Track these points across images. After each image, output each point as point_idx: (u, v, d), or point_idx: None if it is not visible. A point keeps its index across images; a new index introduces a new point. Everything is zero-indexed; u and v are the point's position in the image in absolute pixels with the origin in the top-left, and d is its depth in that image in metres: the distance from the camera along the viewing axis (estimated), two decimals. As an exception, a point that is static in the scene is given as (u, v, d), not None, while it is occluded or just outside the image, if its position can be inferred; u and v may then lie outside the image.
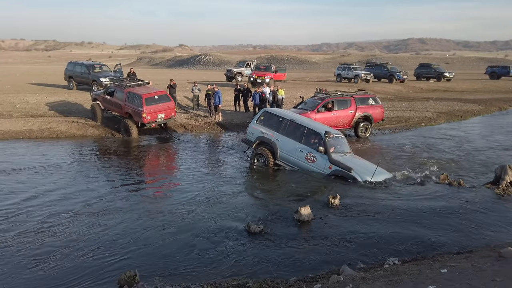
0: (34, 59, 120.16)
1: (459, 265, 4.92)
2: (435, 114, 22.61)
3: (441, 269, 4.73)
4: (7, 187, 10.03)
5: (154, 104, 15.79)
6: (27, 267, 6.22)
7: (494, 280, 4.14)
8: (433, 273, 4.64)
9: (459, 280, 4.25)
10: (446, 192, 9.58)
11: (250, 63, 35.53)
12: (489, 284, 4.05)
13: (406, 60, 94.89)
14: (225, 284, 5.44)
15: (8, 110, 19.48)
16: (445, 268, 4.75)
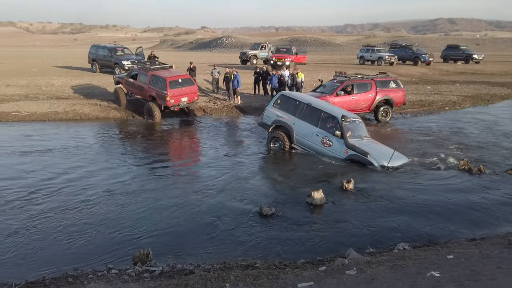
0: (60, 42, 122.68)
1: (466, 251, 4.88)
2: (460, 98, 21.93)
3: (447, 255, 4.71)
4: (46, 166, 10.47)
5: (178, 88, 15.89)
6: (62, 242, 6.55)
7: (500, 268, 4.10)
8: (438, 259, 4.63)
9: (464, 266, 4.24)
10: (464, 178, 9.40)
11: (265, 45, 34.45)
12: (494, 271, 4.01)
13: (434, 41, 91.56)
14: (234, 264, 5.59)
15: (35, 92, 20.14)
16: (451, 254, 4.73)
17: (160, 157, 11.75)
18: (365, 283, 4.01)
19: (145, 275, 5.32)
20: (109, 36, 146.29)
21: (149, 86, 16.16)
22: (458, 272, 4.03)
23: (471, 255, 4.67)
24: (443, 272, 4.04)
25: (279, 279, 4.49)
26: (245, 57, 33.11)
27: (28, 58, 39.82)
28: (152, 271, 5.47)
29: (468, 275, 3.92)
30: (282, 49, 30.53)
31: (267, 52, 33.27)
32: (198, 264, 5.73)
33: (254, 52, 33.33)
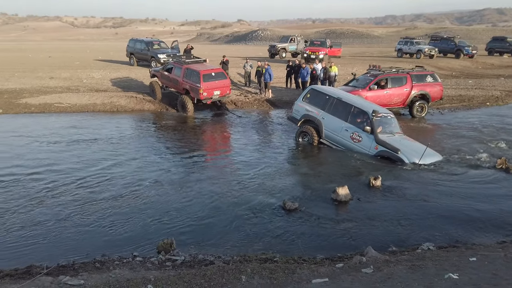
0: (103, 36, 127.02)
1: (491, 254, 4.70)
2: (503, 93, 20.79)
3: (470, 257, 4.56)
4: (95, 155, 11.06)
5: (211, 81, 16.14)
6: (103, 230, 6.91)
7: None
8: (460, 261, 4.48)
9: (486, 269, 4.08)
10: (500, 178, 9.00)
11: (294, 38, 33.71)
12: None
13: (480, 33, 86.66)
14: (254, 257, 5.67)
15: (76, 85, 21.09)
16: (474, 257, 4.57)
17: (190, 150, 11.99)
18: (380, 282, 3.97)
19: (167, 264, 5.51)
20: (148, 29, 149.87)
21: (183, 79, 16.50)
22: (478, 275, 3.89)
23: (495, 258, 4.49)
24: (463, 274, 3.92)
25: (295, 274, 4.53)
26: (274, 50, 32.44)
27: (72, 52, 41.61)
28: (174, 260, 5.66)
29: (489, 278, 3.78)
30: (316, 42, 30.09)
31: (296, 45, 32.77)
32: (218, 256, 5.86)
33: (283, 45, 32.62)
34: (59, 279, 4.80)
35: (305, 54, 27.71)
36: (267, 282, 4.37)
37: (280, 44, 33.10)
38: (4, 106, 16.74)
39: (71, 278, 4.84)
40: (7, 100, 17.56)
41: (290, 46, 32.76)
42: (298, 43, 33.11)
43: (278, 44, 32.94)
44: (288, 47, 32.65)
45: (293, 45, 32.85)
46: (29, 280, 4.83)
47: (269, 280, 4.42)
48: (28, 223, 7.06)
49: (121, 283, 4.53)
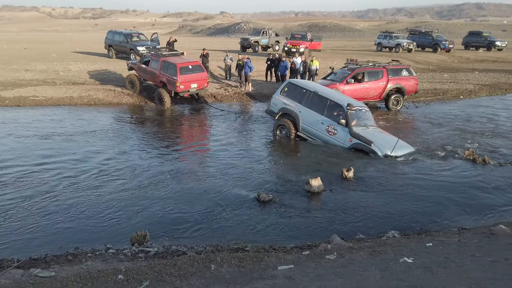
0: (82, 27, 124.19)
1: (446, 240, 4.96)
2: (477, 87, 21.42)
3: (427, 243, 4.80)
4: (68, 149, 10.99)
5: (188, 74, 16.11)
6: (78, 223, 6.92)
7: (473, 256, 4.17)
8: (417, 246, 4.73)
9: (439, 253, 4.33)
10: (467, 169, 9.35)
11: (266, 31, 33.17)
12: (466, 259, 4.09)
13: (459, 27, 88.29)
14: (226, 246, 5.81)
15: (52, 77, 20.68)
16: (431, 242, 4.82)
17: (167, 143, 12.03)
18: (341, 266, 4.16)
19: (140, 255, 5.60)
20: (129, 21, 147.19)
21: (160, 72, 16.43)
22: (431, 259, 4.13)
23: (449, 243, 4.75)
24: (417, 258, 4.15)
25: (262, 262, 4.69)
26: (246, 44, 31.46)
27: (50, 43, 40.65)
28: (147, 252, 5.75)
29: (440, 262, 4.02)
30: (297, 35, 30.19)
31: (268, 38, 32.43)
32: (191, 246, 5.97)
33: (256, 38, 31.96)
34: (30, 272, 4.84)
35: (286, 48, 27.81)
36: (235, 270, 4.51)
37: (252, 37, 32.42)
38: (-24, 99, 16.35)
39: (42, 270, 4.88)
40: (-20, 93, 17.14)
41: (262, 39, 32.23)
42: (270, 37, 32.76)
43: (251, 37, 32.21)
44: (261, 40, 32.09)
45: (265, 38, 32.38)
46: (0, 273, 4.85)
47: (237, 268, 4.56)
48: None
49: (92, 274, 4.60)
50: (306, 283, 3.74)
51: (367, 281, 3.57)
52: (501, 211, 7.03)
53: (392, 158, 10.17)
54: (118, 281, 4.41)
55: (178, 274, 4.51)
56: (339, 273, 3.91)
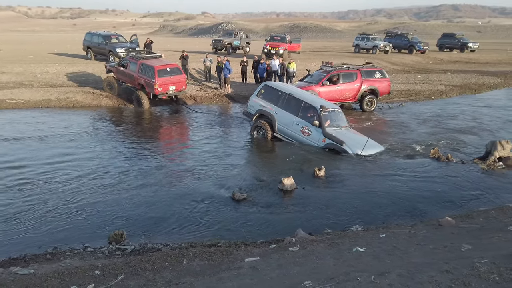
0: (60, 27, 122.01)
1: (398, 231, 5.41)
2: (448, 87, 22.31)
3: (381, 235, 5.24)
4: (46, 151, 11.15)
5: (166, 76, 16.33)
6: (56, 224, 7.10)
7: (418, 244, 4.62)
8: (372, 238, 5.16)
9: (388, 243, 4.76)
10: (431, 166, 9.90)
11: (237, 33, 33.03)
12: (411, 247, 4.54)
13: (436, 28, 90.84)
14: (200, 243, 6.13)
15: (29, 80, 20.55)
16: (384, 234, 5.26)
17: (145, 144, 12.25)
18: (301, 257, 4.55)
19: (117, 253, 5.87)
20: (109, 21, 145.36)
21: (138, 74, 16.61)
22: (380, 248, 4.55)
23: (400, 235, 5.20)
24: (369, 248, 4.57)
25: (231, 255, 5.03)
26: (219, 45, 31.26)
27: (26, 44, 40.02)
28: (124, 250, 6.03)
29: (388, 250, 4.44)
30: (276, 37, 30.60)
31: (240, 40, 32.48)
32: (167, 244, 6.27)
33: (230, 40, 31.83)
34: (10, 270, 5.06)
35: (265, 50, 28.20)
36: (205, 263, 4.85)
37: (226, 38, 32.25)
38: (-49, 102, 16.18)
39: (21, 268, 5.10)
40: (-45, 96, 16.95)
41: (234, 41, 32.18)
42: (241, 38, 32.79)
43: (225, 39, 32.02)
44: (233, 41, 32.02)
45: (237, 39, 32.36)
46: (-20, 272, 5.05)
47: (207, 262, 4.90)
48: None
49: (70, 270, 4.86)
50: (267, 271, 4.10)
51: (321, 268, 3.95)
52: (456, 205, 7.56)
53: (362, 157, 10.65)
54: (95, 276, 4.68)
55: (152, 268, 4.82)
56: (298, 262, 4.29)
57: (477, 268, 3.41)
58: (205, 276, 4.31)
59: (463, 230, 5.22)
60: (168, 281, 4.35)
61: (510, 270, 3.34)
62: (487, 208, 6.89)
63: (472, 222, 5.66)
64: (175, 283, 4.23)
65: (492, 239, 4.45)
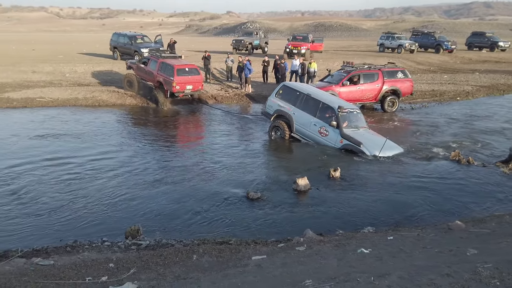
0: (89, 27, 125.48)
1: (407, 234, 5.38)
2: (475, 88, 21.69)
3: (388, 237, 5.23)
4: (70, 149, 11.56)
5: (184, 76, 16.87)
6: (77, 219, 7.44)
7: (424, 248, 4.59)
8: (379, 240, 5.16)
9: (395, 246, 4.76)
10: (450, 169, 9.73)
11: (257, 32, 32.73)
12: (416, 250, 4.52)
13: (467, 26, 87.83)
14: (212, 240, 6.28)
15: (59, 79, 21.38)
16: (392, 236, 5.25)
17: (165, 142, 12.60)
18: (306, 256, 4.62)
19: (132, 247, 6.10)
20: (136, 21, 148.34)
21: (158, 72, 17.23)
22: (386, 250, 4.56)
23: (407, 237, 5.18)
24: (374, 249, 4.58)
25: (239, 253, 5.16)
26: (240, 46, 30.52)
27: (57, 44, 41.51)
28: (139, 244, 6.25)
29: (393, 252, 4.44)
30: (298, 37, 30.49)
31: (259, 40, 32.10)
32: (181, 240, 6.45)
33: (251, 40, 31.18)
34: (32, 260, 5.36)
35: (287, 49, 28.20)
36: (214, 260, 5.00)
37: (247, 38, 31.68)
38: (-14, 100, 17.03)
39: (42, 259, 5.40)
40: (-11, 94, 17.83)
41: (254, 40, 31.71)
42: (260, 38, 32.52)
43: (246, 39, 31.46)
44: (254, 41, 31.55)
45: (257, 39, 32.04)
46: (5, 261, 5.38)
47: (216, 258, 5.04)
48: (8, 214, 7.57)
49: (86, 263, 5.12)
50: (271, 269, 4.20)
51: (324, 268, 4.02)
52: (471, 209, 7.42)
53: (380, 158, 10.56)
54: (109, 268, 4.92)
55: (163, 263, 5.01)
56: (302, 262, 4.37)
57: (479, 273, 3.40)
58: (212, 272, 4.46)
59: (472, 234, 5.15)
60: (177, 275, 4.51)
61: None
62: (502, 213, 6.74)
63: (483, 227, 5.57)
64: (183, 277, 4.40)
65: (500, 244, 4.39)
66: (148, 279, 4.48)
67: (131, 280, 4.44)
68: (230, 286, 3.74)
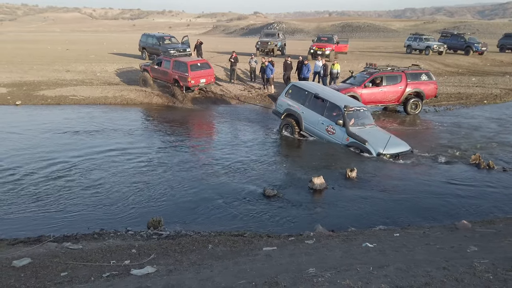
0: (121, 28, 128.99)
1: (413, 232, 5.52)
2: (503, 91, 21.16)
3: (395, 233, 5.40)
4: (102, 144, 12.23)
5: (197, 70, 18.27)
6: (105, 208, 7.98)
7: (428, 244, 4.74)
8: (386, 236, 5.34)
9: (399, 241, 4.93)
10: (469, 173, 9.72)
11: (278, 34, 31.98)
12: (419, 246, 4.67)
13: (501, 27, 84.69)
14: (228, 233, 6.63)
15: (90, 78, 22.35)
16: (398, 233, 5.41)
17: (187, 139, 13.24)
18: (313, 248, 4.87)
19: (153, 237, 6.52)
20: (165, 21, 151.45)
21: (172, 70, 18.46)
22: (389, 245, 4.74)
23: (413, 235, 5.33)
24: (379, 244, 4.78)
25: (252, 244, 5.47)
26: (266, 48, 29.51)
27: (89, 44, 43.08)
28: (160, 234, 6.67)
29: (396, 247, 4.62)
30: (323, 38, 30.39)
31: (280, 41, 31.52)
32: (199, 232, 6.83)
33: (276, 41, 30.19)
34: (63, 245, 5.87)
35: (312, 50, 28.25)
36: (228, 250, 5.33)
37: (273, 39, 30.69)
38: (23, 97, 18.06)
39: (72, 244, 5.89)
40: (26, 92, 18.90)
41: (278, 42, 31.02)
42: (281, 39, 32.07)
43: (272, 40, 30.54)
44: (278, 43, 30.80)
45: (279, 41, 31.35)
46: (39, 244, 5.90)
47: (230, 248, 5.38)
48: (45, 203, 8.18)
49: (111, 248, 5.56)
50: (279, 259, 4.48)
51: (328, 259, 4.26)
52: (484, 212, 7.45)
53: (384, 156, 10.66)
54: (131, 253, 5.33)
55: (180, 251, 5.39)
56: (309, 253, 4.62)
57: (474, 267, 3.57)
58: (224, 260, 4.79)
59: (477, 233, 5.25)
60: (192, 262, 4.87)
61: (507, 271, 3.46)
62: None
63: (489, 227, 5.64)
64: (198, 264, 4.75)
65: (503, 243, 4.50)
66: (166, 264, 4.86)
67: (150, 264, 4.82)
68: (239, 271, 4.05)
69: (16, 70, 22.97)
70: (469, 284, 3.30)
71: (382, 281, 3.42)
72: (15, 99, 17.77)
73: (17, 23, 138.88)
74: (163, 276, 4.19)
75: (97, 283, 4.29)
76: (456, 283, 3.32)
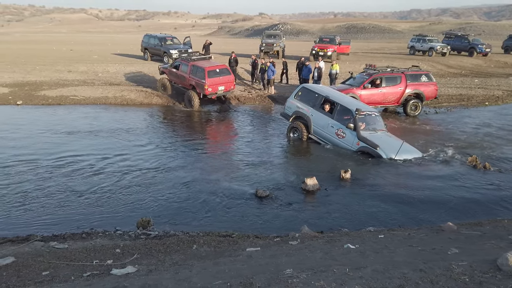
0: (126, 29, 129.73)
1: (398, 233, 5.47)
2: (506, 93, 20.95)
3: (379, 235, 5.35)
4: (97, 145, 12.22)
5: (215, 77, 17.07)
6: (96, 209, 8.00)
7: (410, 246, 4.69)
8: (369, 237, 5.29)
9: (382, 243, 4.88)
10: (465, 174, 9.62)
11: (280, 35, 31.22)
12: (401, 247, 4.61)
13: (507, 28, 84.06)
14: (216, 233, 6.60)
15: (92, 78, 22.46)
16: (383, 235, 5.36)
17: (185, 141, 13.06)
18: (296, 250, 4.84)
19: (141, 237, 6.52)
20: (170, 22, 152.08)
21: (189, 75, 17.46)
22: (372, 246, 4.70)
23: (397, 236, 5.27)
24: (361, 245, 4.74)
25: (236, 245, 5.45)
26: (271, 50, 29.11)
27: (94, 44, 43.35)
28: (148, 234, 6.67)
29: (378, 249, 4.57)
30: (325, 39, 30.34)
31: (282, 42, 30.96)
32: (187, 232, 6.82)
33: (279, 43, 29.70)
34: (49, 244, 5.88)
35: (313, 51, 28.21)
36: (212, 250, 5.31)
37: (276, 41, 30.23)
38: (24, 97, 18.18)
39: (58, 243, 5.91)
40: (27, 92, 19.02)
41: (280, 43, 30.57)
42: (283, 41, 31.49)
43: (277, 41, 29.87)
44: (280, 44, 30.30)
45: (281, 42, 30.92)
46: (25, 243, 5.92)
47: (214, 249, 5.36)
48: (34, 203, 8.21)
49: (96, 248, 5.57)
50: (259, 259, 4.45)
51: (308, 260, 4.22)
52: (477, 214, 7.37)
53: (396, 161, 10.56)
54: (115, 253, 5.33)
55: (164, 251, 5.38)
56: (290, 254, 4.59)
57: (452, 270, 3.52)
58: (206, 260, 4.77)
59: (462, 235, 5.19)
60: (174, 262, 4.86)
61: (483, 273, 3.41)
62: (502, 218, 6.67)
63: (475, 229, 5.58)
64: (179, 264, 4.73)
65: (485, 245, 4.43)
66: (148, 264, 4.85)
67: (132, 264, 4.82)
68: (218, 271, 4.03)
69: (19, 70, 23.17)
70: (444, 286, 3.26)
71: (357, 282, 3.38)
72: (16, 99, 17.90)
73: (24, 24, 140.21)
74: (142, 276, 4.18)
75: (77, 282, 4.29)
76: (431, 285, 3.28)
